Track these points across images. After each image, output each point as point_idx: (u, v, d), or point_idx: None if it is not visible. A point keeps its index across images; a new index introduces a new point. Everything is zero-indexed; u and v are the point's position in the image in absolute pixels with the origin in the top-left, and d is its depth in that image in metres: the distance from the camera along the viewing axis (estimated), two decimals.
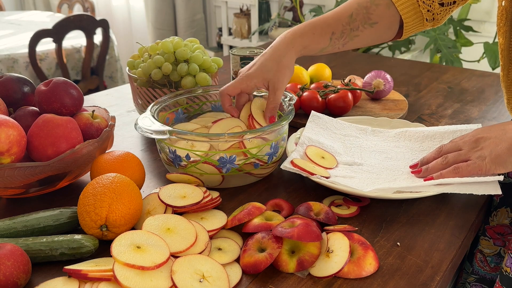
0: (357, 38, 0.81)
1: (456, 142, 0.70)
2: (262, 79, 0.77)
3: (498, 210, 0.77)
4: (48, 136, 0.68)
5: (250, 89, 0.78)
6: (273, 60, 0.77)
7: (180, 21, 3.58)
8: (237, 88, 0.78)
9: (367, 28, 0.80)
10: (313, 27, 0.80)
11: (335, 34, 0.80)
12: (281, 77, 0.77)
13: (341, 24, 0.79)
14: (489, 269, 0.78)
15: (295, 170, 0.73)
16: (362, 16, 0.79)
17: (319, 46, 0.80)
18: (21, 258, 0.53)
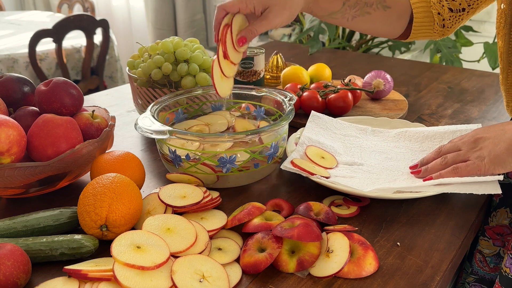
0: (368, 16, 0.80)
1: (455, 142, 0.70)
2: (263, 3, 0.74)
3: (498, 210, 0.77)
4: (48, 136, 0.68)
5: (247, 9, 0.75)
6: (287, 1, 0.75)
7: (180, 21, 3.58)
8: (236, 5, 0.74)
9: (379, 9, 0.79)
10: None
11: (349, 1, 0.79)
12: (279, 12, 0.74)
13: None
14: (488, 269, 0.78)
15: (295, 170, 0.73)
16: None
17: (330, 6, 0.79)
18: (21, 258, 0.53)
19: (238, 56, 0.78)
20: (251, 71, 1.02)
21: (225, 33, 0.73)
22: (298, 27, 2.61)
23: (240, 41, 0.74)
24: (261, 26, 0.74)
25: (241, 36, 0.74)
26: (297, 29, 2.64)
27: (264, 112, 0.91)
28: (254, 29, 0.74)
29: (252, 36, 0.74)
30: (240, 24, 0.76)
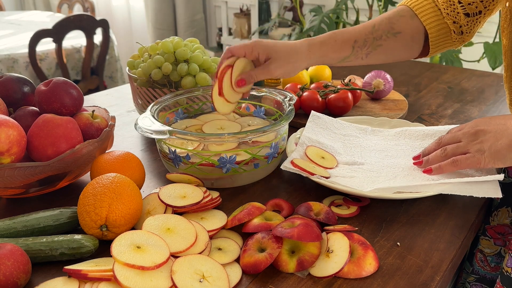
0: (380, 48, 0.79)
1: (455, 133, 0.69)
2: (267, 53, 0.76)
3: (499, 209, 0.77)
4: (48, 136, 0.68)
5: (252, 55, 0.77)
6: (287, 48, 0.77)
7: (180, 21, 3.58)
8: (242, 50, 0.76)
9: (390, 38, 0.79)
10: (334, 35, 0.79)
11: (357, 43, 0.79)
12: (279, 65, 0.76)
13: (364, 33, 0.79)
14: (489, 269, 0.78)
15: (295, 170, 0.73)
16: (384, 26, 0.79)
17: (340, 54, 0.79)
18: (21, 258, 0.53)
19: (236, 96, 0.80)
20: None
21: (224, 72, 0.76)
22: (298, 27, 2.61)
23: (239, 83, 0.76)
24: (261, 74, 0.77)
25: (241, 78, 0.76)
26: (297, 29, 2.64)
27: (264, 112, 0.91)
28: (254, 74, 0.77)
29: (251, 80, 0.77)
30: (243, 67, 0.79)
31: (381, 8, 2.09)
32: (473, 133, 0.66)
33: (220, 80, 0.76)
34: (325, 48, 0.79)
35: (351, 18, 2.70)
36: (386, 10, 2.10)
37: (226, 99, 0.78)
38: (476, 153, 0.65)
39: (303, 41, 0.79)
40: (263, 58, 0.77)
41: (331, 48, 0.79)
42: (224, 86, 0.77)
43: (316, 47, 0.78)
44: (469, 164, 0.65)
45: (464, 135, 0.67)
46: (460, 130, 0.69)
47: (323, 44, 0.79)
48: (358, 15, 2.19)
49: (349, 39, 0.79)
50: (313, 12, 1.87)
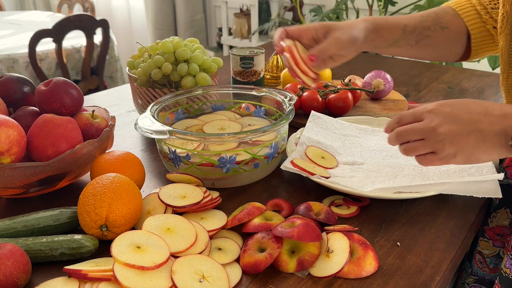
0: (429, 39, 0.80)
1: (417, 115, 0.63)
2: (324, 27, 0.76)
3: (498, 211, 0.77)
4: (48, 136, 0.68)
5: (307, 33, 0.77)
6: (343, 21, 0.78)
7: (180, 21, 3.58)
8: (296, 28, 0.77)
9: (438, 31, 0.79)
10: (384, 17, 0.81)
11: (407, 27, 0.79)
12: (343, 32, 0.75)
13: (414, 20, 0.80)
14: (488, 270, 0.78)
15: (295, 170, 0.73)
16: (432, 19, 0.80)
17: (391, 35, 0.80)
18: (21, 258, 0.53)
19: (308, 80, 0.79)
20: (251, 71, 1.02)
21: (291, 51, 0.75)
22: None
23: (310, 58, 0.75)
24: (328, 44, 0.75)
25: (311, 54, 0.74)
26: None
27: (264, 112, 0.91)
28: (322, 46, 0.75)
29: (322, 55, 0.75)
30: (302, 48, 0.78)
31: (381, 8, 2.09)
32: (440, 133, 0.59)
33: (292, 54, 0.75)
34: (377, 26, 0.79)
35: (351, 18, 2.70)
36: (386, 10, 2.10)
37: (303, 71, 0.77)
38: (445, 156, 0.60)
39: (360, 18, 0.80)
40: (322, 32, 0.76)
41: (383, 26, 0.79)
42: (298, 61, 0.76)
43: (370, 23, 0.79)
44: (436, 165, 0.62)
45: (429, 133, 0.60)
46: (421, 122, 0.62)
47: (375, 22, 0.79)
48: (358, 15, 2.19)
49: (399, 22, 0.80)
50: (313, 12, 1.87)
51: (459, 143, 0.59)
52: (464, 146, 0.59)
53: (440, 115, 0.60)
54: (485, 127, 0.58)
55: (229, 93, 0.92)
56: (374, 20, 0.80)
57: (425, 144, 0.61)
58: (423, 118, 0.62)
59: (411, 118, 0.63)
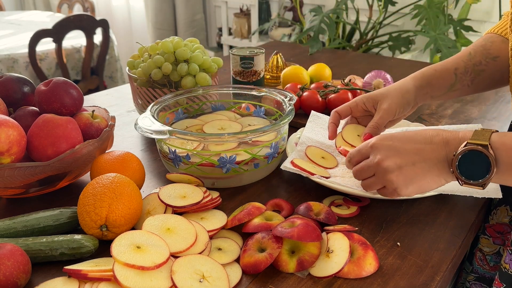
0: (483, 73, 0.78)
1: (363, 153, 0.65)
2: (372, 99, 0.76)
3: (498, 208, 0.77)
4: (48, 136, 0.68)
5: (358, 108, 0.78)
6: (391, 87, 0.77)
7: (180, 21, 3.58)
8: (347, 106, 0.77)
9: (490, 62, 0.77)
10: (433, 65, 0.79)
11: (458, 70, 0.78)
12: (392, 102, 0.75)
13: (462, 61, 0.78)
14: (488, 268, 0.78)
15: (295, 170, 0.73)
16: (480, 53, 0.78)
17: (445, 82, 0.78)
18: (21, 258, 0.53)
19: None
20: (251, 71, 1.02)
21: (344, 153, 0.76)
22: (298, 27, 2.61)
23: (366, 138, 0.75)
24: (379, 118, 0.76)
25: (367, 134, 0.75)
26: (297, 29, 2.64)
27: (264, 112, 0.91)
28: (375, 123, 0.76)
29: (377, 131, 0.75)
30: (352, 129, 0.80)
31: (381, 8, 2.09)
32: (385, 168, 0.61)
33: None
34: (428, 77, 0.78)
35: (351, 18, 2.70)
36: (386, 10, 2.10)
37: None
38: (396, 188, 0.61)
39: (405, 78, 0.79)
40: (370, 106, 0.77)
41: (433, 76, 0.78)
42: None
43: (419, 78, 0.78)
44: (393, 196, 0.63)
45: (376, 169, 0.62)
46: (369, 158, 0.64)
47: (425, 74, 0.79)
48: (358, 15, 2.19)
49: (449, 67, 0.78)
50: (313, 12, 1.87)
51: (406, 175, 0.60)
52: (412, 176, 0.60)
53: (382, 149, 0.62)
54: (429, 155, 0.59)
55: (229, 93, 0.92)
56: (423, 75, 0.78)
57: (376, 180, 0.63)
58: (368, 155, 0.64)
59: (359, 157, 0.66)
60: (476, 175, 0.56)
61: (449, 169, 0.58)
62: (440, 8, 1.84)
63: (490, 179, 0.55)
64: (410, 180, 0.60)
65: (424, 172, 0.59)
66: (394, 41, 2.07)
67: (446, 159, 0.58)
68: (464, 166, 0.56)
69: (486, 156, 0.55)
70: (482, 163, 0.55)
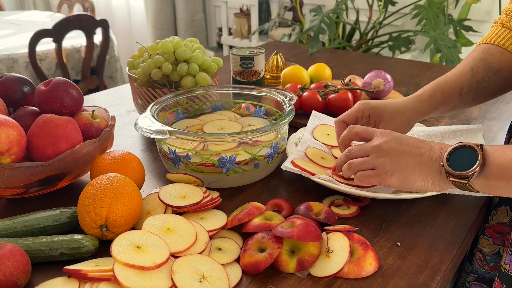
0: (485, 90, 0.78)
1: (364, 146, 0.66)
2: (377, 114, 0.77)
3: (498, 208, 0.77)
4: (48, 136, 0.68)
5: (363, 117, 0.78)
6: (397, 107, 0.78)
7: (180, 21, 3.58)
8: (353, 115, 0.77)
9: (492, 77, 0.77)
10: (440, 87, 0.79)
11: (463, 89, 0.78)
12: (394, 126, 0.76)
13: (466, 79, 0.78)
14: (488, 268, 0.78)
15: (295, 170, 0.73)
16: (482, 67, 0.78)
17: (450, 105, 0.79)
18: (21, 258, 0.53)
19: None
20: (251, 71, 1.02)
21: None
22: (298, 27, 2.61)
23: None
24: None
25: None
26: (297, 29, 2.64)
27: (264, 112, 0.91)
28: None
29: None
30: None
31: (381, 8, 2.09)
32: (384, 149, 0.63)
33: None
34: (434, 101, 0.79)
35: (351, 18, 2.70)
36: (386, 10, 2.10)
37: None
38: (383, 173, 0.62)
39: (411, 97, 0.80)
40: (374, 120, 0.77)
41: (440, 100, 0.79)
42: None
43: (426, 102, 0.79)
44: (372, 182, 0.64)
45: (373, 149, 0.64)
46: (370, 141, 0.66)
47: (432, 97, 0.79)
48: (358, 15, 2.19)
49: (455, 87, 0.78)
50: (313, 12, 1.87)
51: (399, 162, 0.62)
52: (403, 166, 0.61)
53: (386, 135, 0.64)
54: (425, 151, 0.61)
55: (229, 93, 0.92)
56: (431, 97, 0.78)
57: (369, 160, 0.64)
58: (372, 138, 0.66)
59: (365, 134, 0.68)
60: (463, 167, 0.57)
61: (440, 164, 0.59)
62: (440, 8, 1.84)
63: (475, 172, 0.56)
64: (399, 169, 0.61)
65: (415, 165, 0.61)
66: (394, 41, 2.07)
67: (439, 159, 0.60)
68: (453, 158, 0.58)
69: (475, 151, 0.57)
70: (471, 156, 0.57)
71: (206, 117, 0.91)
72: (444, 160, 0.59)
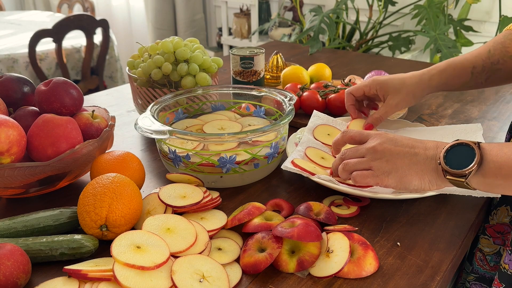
0: (499, 72, 0.80)
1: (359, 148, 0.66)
2: (385, 89, 0.80)
3: (498, 208, 0.77)
4: (48, 136, 0.68)
5: (371, 92, 0.81)
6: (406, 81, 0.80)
7: (180, 21, 3.58)
8: (360, 89, 0.82)
9: (507, 61, 0.79)
10: (453, 63, 0.81)
11: (476, 68, 0.80)
12: (401, 99, 0.79)
13: (481, 59, 0.80)
14: (488, 268, 0.78)
15: (295, 170, 0.73)
16: (500, 50, 0.79)
17: (460, 80, 0.81)
18: (21, 258, 0.53)
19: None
20: (251, 71, 1.02)
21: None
22: (298, 27, 2.61)
23: (367, 128, 0.82)
24: (385, 113, 0.82)
25: (369, 124, 0.83)
26: (297, 29, 2.64)
27: (264, 112, 0.91)
28: (379, 116, 0.82)
29: (378, 123, 0.82)
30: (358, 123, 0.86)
31: (381, 8, 2.09)
32: (379, 151, 0.63)
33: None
34: (445, 75, 0.81)
35: (351, 18, 2.70)
36: (386, 10, 2.10)
37: None
38: (380, 173, 0.62)
39: (420, 73, 0.82)
40: (381, 94, 0.81)
41: (451, 75, 0.81)
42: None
43: (436, 76, 0.81)
44: (369, 182, 0.63)
45: (368, 151, 0.64)
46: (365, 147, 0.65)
47: (443, 72, 0.81)
48: (358, 15, 2.19)
49: (467, 66, 0.80)
50: (313, 12, 1.87)
51: (395, 162, 0.62)
52: (399, 166, 0.61)
53: (380, 137, 0.65)
54: (420, 151, 0.61)
55: (229, 93, 0.92)
56: (441, 75, 0.80)
57: (364, 161, 0.64)
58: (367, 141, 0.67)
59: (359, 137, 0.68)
60: (461, 165, 0.57)
61: (436, 163, 0.59)
62: (440, 8, 1.84)
63: (473, 170, 0.56)
64: (395, 169, 0.62)
65: (410, 165, 0.61)
66: (394, 41, 2.07)
67: (435, 158, 0.60)
68: (450, 156, 0.58)
69: (472, 149, 0.57)
70: (468, 154, 0.57)
71: (206, 117, 0.91)
72: (441, 158, 0.58)
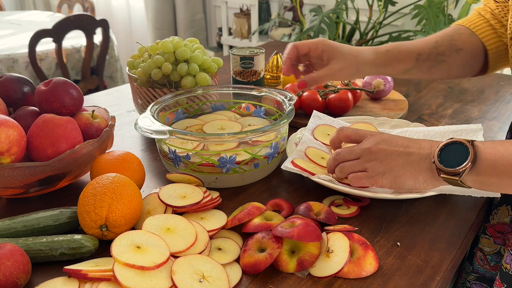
0: (444, 64, 0.80)
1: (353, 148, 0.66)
2: (331, 52, 0.78)
3: (499, 208, 0.77)
4: (48, 136, 0.68)
5: (316, 52, 0.80)
6: (352, 51, 0.79)
7: (180, 21, 3.58)
8: (306, 45, 0.80)
9: (452, 54, 0.80)
10: (399, 46, 0.81)
11: (421, 56, 0.80)
12: (344, 66, 0.78)
13: (427, 47, 0.80)
14: (489, 267, 0.78)
15: (295, 170, 0.73)
16: (447, 43, 0.80)
17: (404, 66, 0.81)
18: (21, 258, 0.53)
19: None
20: (251, 71, 1.02)
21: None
22: (298, 27, 2.61)
23: (300, 85, 0.81)
24: (325, 76, 0.80)
25: (302, 82, 0.80)
26: (297, 29, 2.64)
27: (264, 112, 0.91)
28: (316, 76, 0.80)
29: (313, 83, 0.80)
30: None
31: (381, 8, 2.09)
32: (374, 152, 0.63)
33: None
34: (390, 57, 0.80)
35: (351, 18, 2.70)
36: (386, 10, 2.10)
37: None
38: (374, 174, 0.62)
39: (368, 48, 0.81)
40: (326, 57, 0.79)
41: (396, 57, 0.80)
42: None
43: (382, 54, 0.80)
44: (364, 183, 0.64)
45: (363, 152, 0.64)
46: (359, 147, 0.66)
47: (389, 53, 0.80)
48: (358, 15, 2.19)
49: (413, 51, 0.80)
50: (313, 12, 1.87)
51: (389, 163, 0.62)
52: (393, 166, 0.62)
53: (374, 138, 0.65)
54: (414, 150, 0.61)
55: (229, 93, 0.92)
56: (386, 54, 0.80)
57: (359, 163, 0.64)
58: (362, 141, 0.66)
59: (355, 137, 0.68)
60: (455, 163, 0.57)
61: (431, 162, 0.59)
62: (440, 8, 1.84)
63: (467, 168, 0.56)
64: (390, 169, 0.62)
65: (404, 165, 0.61)
66: (394, 41, 2.07)
67: (429, 157, 0.60)
68: (444, 154, 0.58)
69: (466, 147, 0.57)
70: (462, 152, 0.57)
71: (206, 117, 0.91)
72: (435, 157, 0.58)
